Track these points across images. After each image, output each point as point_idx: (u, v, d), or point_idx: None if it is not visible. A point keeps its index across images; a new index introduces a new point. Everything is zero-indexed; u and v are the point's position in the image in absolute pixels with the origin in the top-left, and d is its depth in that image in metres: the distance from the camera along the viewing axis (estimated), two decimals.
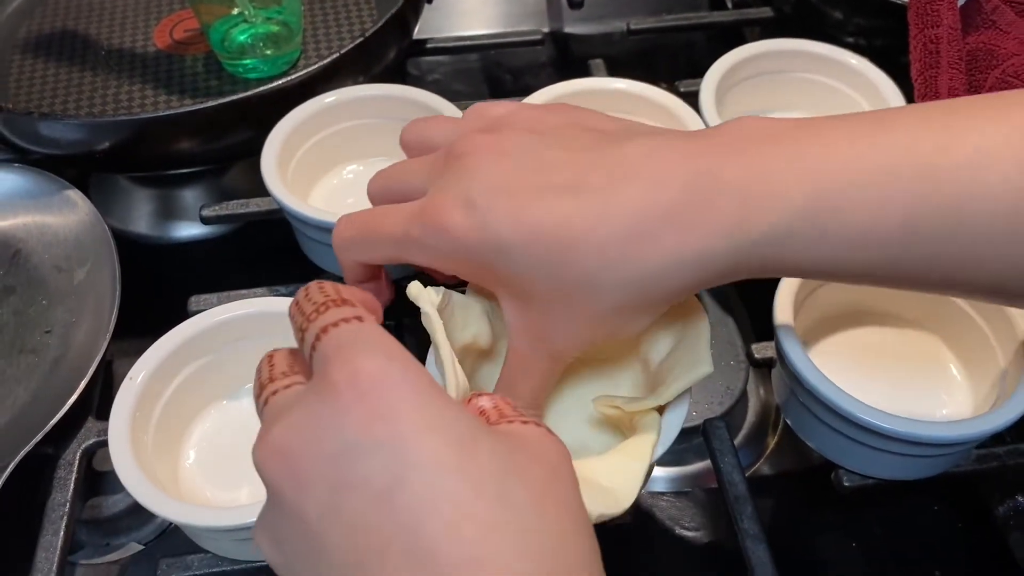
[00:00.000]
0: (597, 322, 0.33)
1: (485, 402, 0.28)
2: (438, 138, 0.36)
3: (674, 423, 0.36)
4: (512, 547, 0.22)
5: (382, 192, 0.37)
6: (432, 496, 0.22)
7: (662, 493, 0.49)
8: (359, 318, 0.26)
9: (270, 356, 0.30)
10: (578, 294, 0.32)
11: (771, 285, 0.41)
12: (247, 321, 0.42)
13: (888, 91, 0.51)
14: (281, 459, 0.24)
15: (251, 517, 0.35)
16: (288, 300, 0.42)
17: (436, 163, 0.34)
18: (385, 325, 0.27)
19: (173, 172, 0.60)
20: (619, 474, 0.33)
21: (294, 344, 0.38)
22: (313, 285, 0.29)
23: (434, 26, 0.74)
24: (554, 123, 0.34)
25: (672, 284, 0.31)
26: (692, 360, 0.36)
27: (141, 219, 0.61)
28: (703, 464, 0.49)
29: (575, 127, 0.34)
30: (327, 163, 0.52)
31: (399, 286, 0.38)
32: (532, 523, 0.22)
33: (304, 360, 0.28)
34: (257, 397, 0.28)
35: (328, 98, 0.50)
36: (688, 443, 0.49)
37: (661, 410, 0.37)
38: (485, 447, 0.23)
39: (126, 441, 0.37)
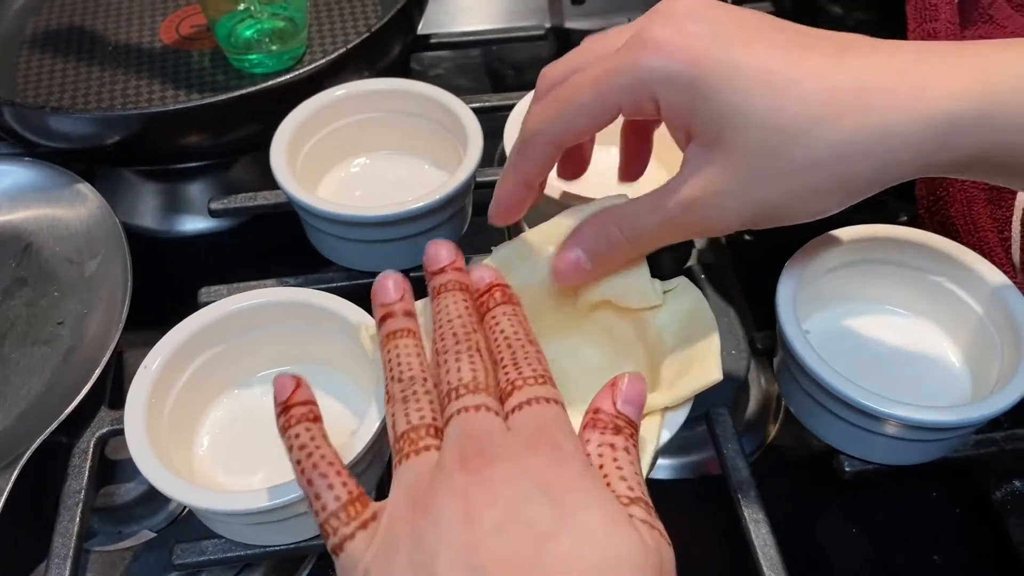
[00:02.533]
0: (786, 181, 0.32)
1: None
2: (586, 59, 0.36)
3: (679, 413, 0.37)
4: None
5: (564, 72, 0.36)
6: (574, 555, 0.27)
7: (665, 480, 0.50)
8: (556, 401, 0.31)
9: (408, 408, 0.32)
10: (787, 141, 0.31)
11: (772, 275, 0.42)
12: (259, 310, 0.42)
13: None
14: (482, 473, 0.28)
15: (266, 502, 0.36)
16: (299, 289, 0.43)
17: (628, 27, 0.34)
18: None
19: (180, 166, 0.60)
20: None
21: (300, 331, 0.41)
22: (512, 337, 0.33)
23: (437, 21, 0.74)
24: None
25: (889, 151, 0.31)
26: (702, 366, 0.37)
27: (147, 213, 0.62)
28: (706, 452, 0.50)
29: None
30: (335, 156, 0.53)
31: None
32: None
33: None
34: (398, 442, 0.31)
35: (337, 91, 0.51)
36: (691, 431, 0.49)
37: None
38: (624, 533, 0.27)
39: (142, 428, 0.38)
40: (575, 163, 0.42)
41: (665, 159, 0.49)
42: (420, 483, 0.29)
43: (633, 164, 0.44)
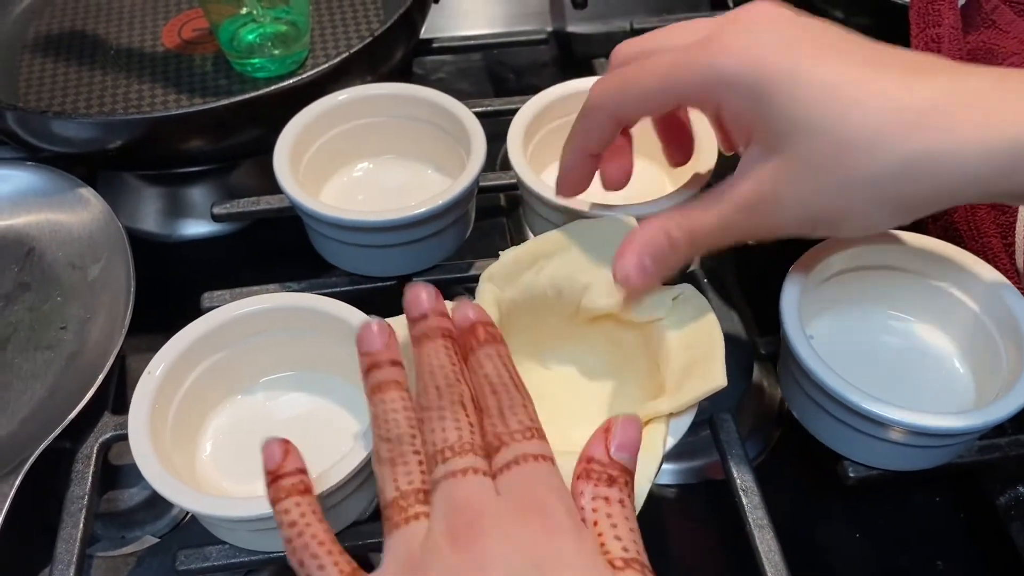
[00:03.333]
0: (846, 194, 0.32)
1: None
2: (661, 43, 0.37)
3: (683, 419, 0.37)
4: None
5: (637, 52, 0.37)
6: None
7: (669, 486, 0.49)
8: (545, 457, 0.30)
9: (395, 465, 0.31)
10: (850, 155, 0.31)
11: (775, 280, 0.42)
12: (263, 315, 0.42)
13: None
14: (475, 552, 0.28)
15: (269, 508, 0.35)
16: (302, 295, 0.43)
17: (705, 25, 0.35)
18: None
19: (182, 170, 0.60)
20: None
21: (303, 337, 0.40)
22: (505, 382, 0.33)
23: (438, 26, 0.74)
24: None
25: (952, 174, 0.31)
26: (707, 371, 0.37)
27: (149, 217, 0.62)
28: (709, 458, 0.50)
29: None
30: (338, 160, 0.53)
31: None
32: None
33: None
34: (389, 508, 0.30)
35: (341, 96, 0.51)
36: (695, 436, 0.49)
37: None
38: None
39: (145, 434, 0.38)
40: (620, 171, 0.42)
41: (653, 154, 0.49)
42: (412, 559, 0.28)
43: (677, 150, 0.44)
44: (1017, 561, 0.45)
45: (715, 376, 0.36)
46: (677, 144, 0.44)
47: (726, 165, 0.42)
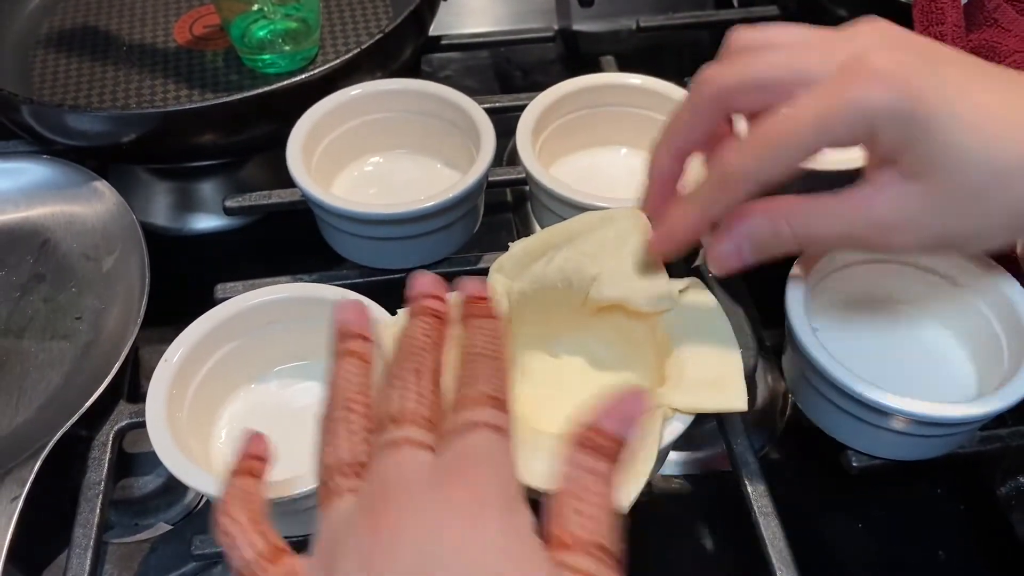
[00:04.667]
0: (986, 216, 0.32)
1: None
2: (787, 40, 0.35)
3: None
4: None
5: (760, 43, 0.35)
6: None
7: (674, 476, 0.50)
8: (495, 426, 0.27)
9: (335, 427, 0.29)
10: (1001, 181, 0.31)
11: (781, 272, 0.43)
12: (277, 306, 0.43)
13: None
14: (381, 535, 0.25)
15: (285, 493, 0.36)
16: (315, 285, 0.44)
17: (835, 42, 0.33)
18: None
19: (193, 164, 0.61)
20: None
21: (316, 327, 0.40)
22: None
23: (446, 23, 0.75)
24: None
25: None
26: (727, 390, 0.38)
27: (161, 211, 0.62)
28: (713, 448, 0.51)
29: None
30: (350, 155, 0.53)
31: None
32: None
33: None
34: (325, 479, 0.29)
35: (353, 91, 0.51)
36: (699, 427, 0.50)
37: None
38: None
39: (163, 420, 0.38)
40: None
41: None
42: (334, 537, 0.26)
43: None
44: (1018, 551, 0.45)
45: (736, 400, 0.38)
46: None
47: None
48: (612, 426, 0.27)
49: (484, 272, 0.42)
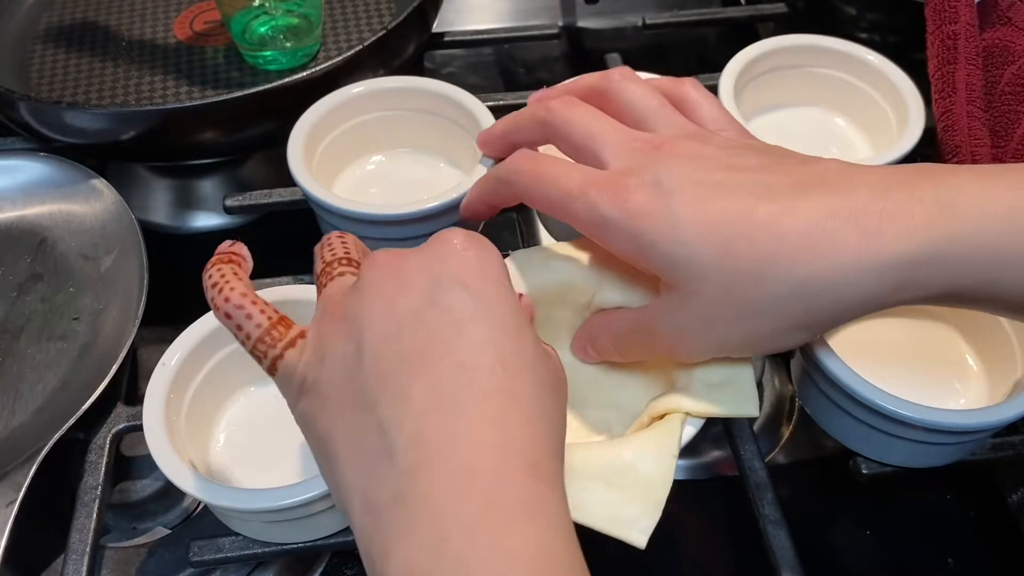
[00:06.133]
0: (745, 322, 0.33)
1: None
2: (640, 111, 0.38)
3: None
4: (525, 402, 0.28)
5: (564, 136, 0.38)
6: (491, 339, 0.29)
7: (682, 481, 0.50)
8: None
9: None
10: (740, 286, 0.32)
11: None
12: (277, 307, 0.42)
13: (905, 88, 0.51)
14: (393, 265, 0.31)
15: (286, 500, 0.36)
16: (314, 287, 0.43)
17: (635, 144, 0.36)
18: None
19: (193, 162, 0.60)
20: (652, 460, 0.34)
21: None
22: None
23: (449, 20, 0.74)
24: (751, 143, 0.37)
25: (843, 295, 0.31)
26: (739, 396, 0.37)
27: (160, 209, 0.62)
28: (720, 453, 0.50)
29: (771, 150, 0.35)
30: (352, 153, 0.53)
31: None
32: (542, 398, 0.29)
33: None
34: (328, 266, 0.34)
35: (355, 89, 0.51)
36: (705, 432, 0.49)
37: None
38: (529, 334, 0.30)
39: (160, 424, 0.38)
40: None
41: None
42: (344, 298, 0.31)
43: None
44: None
45: (748, 407, 0.38)
46: None
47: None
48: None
49: None
